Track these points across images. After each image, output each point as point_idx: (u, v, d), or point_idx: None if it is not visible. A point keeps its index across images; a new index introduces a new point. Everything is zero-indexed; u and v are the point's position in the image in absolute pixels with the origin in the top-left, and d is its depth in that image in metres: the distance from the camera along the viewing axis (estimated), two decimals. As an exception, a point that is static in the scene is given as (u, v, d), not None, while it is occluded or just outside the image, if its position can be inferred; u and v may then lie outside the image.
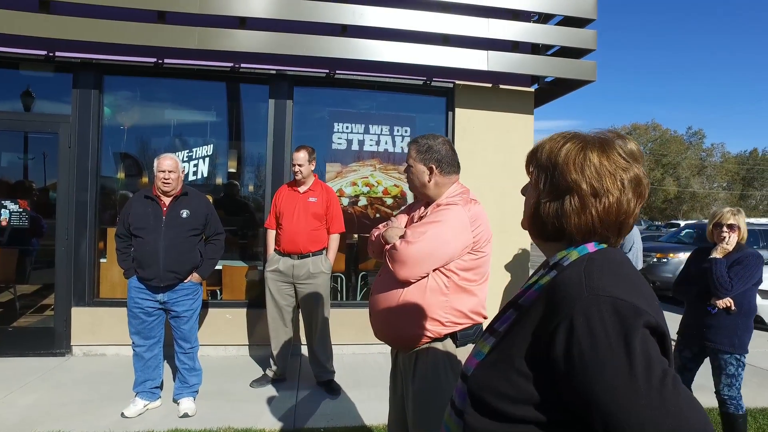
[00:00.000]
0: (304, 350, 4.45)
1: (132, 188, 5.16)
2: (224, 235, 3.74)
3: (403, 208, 2.46)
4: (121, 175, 5.19)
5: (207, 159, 4.93)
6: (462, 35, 4.83)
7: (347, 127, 5.06)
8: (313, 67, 4.85)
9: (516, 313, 1.03)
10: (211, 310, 4.70)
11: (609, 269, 0.92)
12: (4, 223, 4.82)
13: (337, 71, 4.88)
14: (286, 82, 4.90)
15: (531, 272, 1.19)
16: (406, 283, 1.97)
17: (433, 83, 5.11)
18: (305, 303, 3.97)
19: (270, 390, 4.00)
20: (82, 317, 4.73)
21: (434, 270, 1.96)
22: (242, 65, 4.79)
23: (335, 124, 5.05)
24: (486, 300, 2.10)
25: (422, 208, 2.17)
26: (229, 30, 4.58)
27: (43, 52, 4.59)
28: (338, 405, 3.77)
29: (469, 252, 1.99)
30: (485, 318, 2.09)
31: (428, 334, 1.98)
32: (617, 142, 1.02)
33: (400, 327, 2.01)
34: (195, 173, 4.86)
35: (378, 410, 3.61)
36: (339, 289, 5.11)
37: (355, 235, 5.23)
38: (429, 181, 2.08)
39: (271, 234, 4.08)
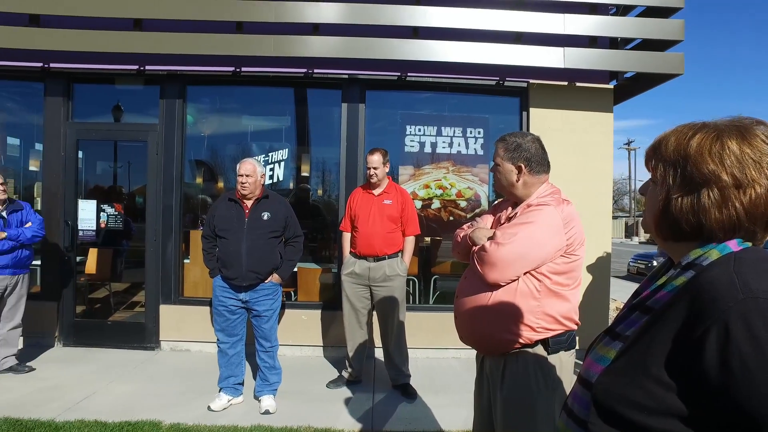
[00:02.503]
0: (379, 353, 4.47)
1: (210, 193, 5.41)
2: (303, 237, 3.82)
3: (485, 209, 2.39)
4: (200, 180, 5.45)
5: (282, 163, 5.08)
6: (536, 32, 4.69)
7: (419, 130, 5.04)
8: (385, 71, 4.88)
9: (645, 316, 0.96)
10: (287, 311, 4.82)
11: (763, 269, 0.83)
12: (102, 225, 5.22)
13: (408, 74, 4.88)
14: (358, 86, 4.96)
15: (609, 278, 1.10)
16: (494, 286, 1.91)
17: (506, 83, 4.99)
18: (381, 306, 3.98)
19: (346, 391, 4.04)
20: (169, 314, 5.01)
21: (525, 273, 1.89)
22: (315, 71, 4.89)
23: (407, 127, 5.05)
24: (578, 305, 2.00)
25: (510, 209, 2.10)
26: (302, 37, 4.71)
27: (135, 67, 4.92)
28: (415, 409, 3.74)
29: (562, 255, 1.90)
30: (578, 325, 1.99)
31: (518, 339, 1.90)
32: (758, 128, 0.93)
33: (488, 331, 1.95)
34: (271, 177, 5.02)
35: (455, 416, 3.56)
36: (412, 292, 5.10)
37: (428, 238, 5.20)
38: (517, 181, 2.01)
39: (347, 237, 4.12)
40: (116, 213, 5.26)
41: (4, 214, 4.22)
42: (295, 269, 4.67)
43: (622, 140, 53.45)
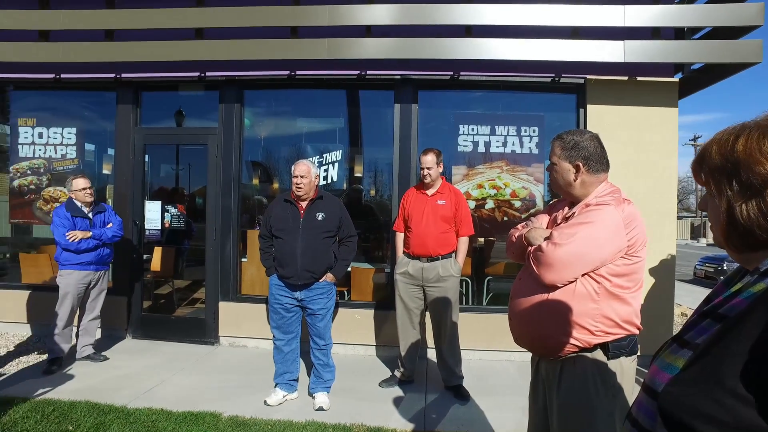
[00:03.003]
0: (432, 354, 4.45)
1: (266, 193, 5.58)
2: (357, 237, 3.87)
3: (539, 209, 2.33)
4: (256, 181, 5.63)
5: (336, 164, 5.17)
6: (594, 26, 4.53)
7: (473, 129, 4.99)
8: (438, 70, 4.86)
9: (718, 324, 0.91)
10: (341, 310, 4.90)
11: None
12: (166, 225, 5.50)
13: (461, 73, 4.84)
14: (410, 86, 4.97)
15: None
16: (551, 288, 1.86)
17: (562, 80, 4.85)
18: (434, 306, 3.96)
19: (398, 391, 4.06)
20: (227, 311, 5.21)
21: (583, 275, 1.83)
22: (368, 72, 4.94)
23: (461, 126, 5.00)
24: (640, 309, 1.92)
25: (566, 209, 2.04)
26: (356, 39, 4.77)
27: (196, 74, 5.15)
28: (468, 411, 3.71)
29: (623, 256, 1.83)
30: (640, 329, 1.91)
31: (575, 342, 1.85)
32: None
33: (544, 333, 1.91)
34: (325, 178, 5.12)
35: (509, 419, 3.50)
36: (465, 293, 5.05)
37: (481, 239, 5.13)
38: (575, 180, 1.95)
39: (400, 237, 4.14)
40: (179, 213, 5.54)
41: (90, 215, 4.53)
42: (349, 269, 4.73)
43: (687, 136, 50.76)
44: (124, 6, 5.09)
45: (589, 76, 4.80)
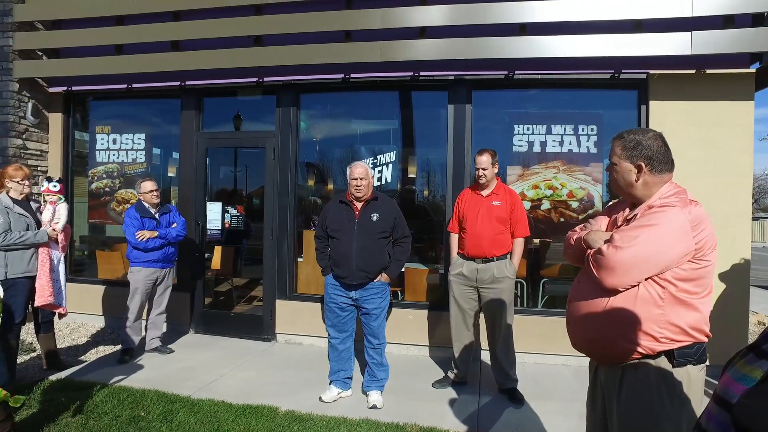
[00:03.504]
0: (485, 356, 4.41)
1: (320, 194, 5.70)
2: (411, 238, 3.90)
3: (600, 210, 2.26)
4: (311, 182, 5.76)
5: (390, 165, 5.21)
6: (658, 18, 4.33)
7: (528, 129, 4.89)
8: (492, 70, 4.80)
9: None
10: (394, 310, 4.93)
11: None
12: (226, 225, 5.75)
13: (516, 72, 4.76)
14: (464, 86, 4.94)
15: None
16: (611, 291, 1.81)
17: (622, 76, 4.65)
18: (488, 308, 3.93)
19: (451, 392, 4.04)
20: (284, 309, 5.36)
21: (646, 279, 1.77)
22: (421, 73, 4.94)
23: (515, 126, 4.92)
24: (709, 316, 1.83)
25: (627, 210, 1.97)
26: (409, 41, 4.80)
27: (255, 79, 5.34)
28: (522, 415, 3.65)
29: (689, 260, 1.75)
30: (709, 337, 1.82)
31: (638, 349, 1.78)
32: None
33: (604, 339, 1.85)
34: (379, 179, 5.17)
35: (564, 425, 3.43)
36: (520, 295, 4.96)
37: (537, 240, 5.02)
38: (636, 181, 1.88)
39: (454, 238, 4.12)
40: (238, 214, 5.78)
41: (156, 215, 4.80)
42: (403, 269, 4.75)
43: (765, 130, 47.19)
44: (189, 18, 5.37)
45: (651, 71, 4.59)
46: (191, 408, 3.60)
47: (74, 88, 5.99)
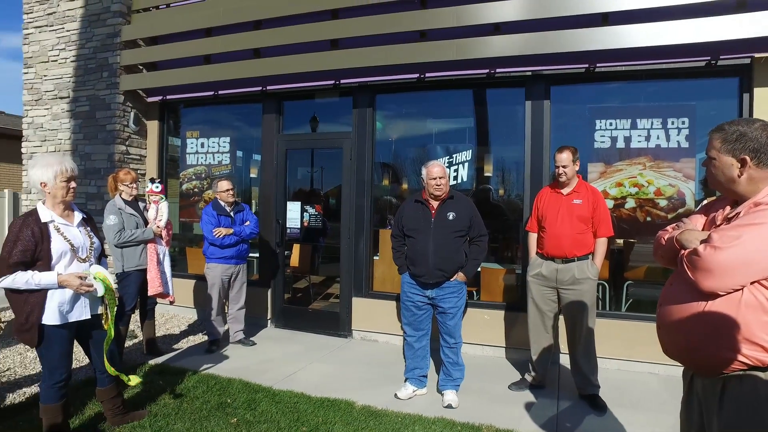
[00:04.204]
0: (565, 359, 4.27)
1: (395, 194, 5.76)
2: (487, 236, 3.84)
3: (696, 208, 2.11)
4: (386, 182, 5.83)
5: (466, 164, 5.17)
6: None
7: (611, 124, 4.66)
8: (571, 64, 4.62)
9: None
10: (470, 310, 4.88)
11: None
12: (305, 224, 5.97)
13: (597, 64, 4.55)
14: (542, 82, 4.79)
15: None
16: (710, 295, 1.68)
17: (719, 62, 4.30)
18: (568, 310, 3.79)
19: (528, 395, 3.95)
20: (360, 306, 5.48)
21: (752, 283, 1.63)
22: (497, 70, 4.86)
23: (597, 121, 4.70)
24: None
25: (728, 208, 1.83)
26: (484, 38, 4.74)
27: (332, 82, 5.50)
28: (604, 424, 3.48)
29: None
30: None
31: (742, 359, 1.64)
32: None
33: (702, 347, 1.72)
34: (455, 178, 5.14)
35: (654, 437, 3.24)
36: (601, 297, 4.73)
37: (620, 240, 4.78)
38: (739, 176, 1.73)
39: (533, 237, 4.02)
40: (316, 213, 5.98)
41: (231, 213, 5.08)
42: (479, 269, 4.69)
43: None
44: (269, 26, 5.63)
45: (757, 55, 4.18)
46: (273, 398, 3.78)
47: (168, 97, 6.48)
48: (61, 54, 6.79)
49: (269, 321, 5.95)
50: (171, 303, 4.74)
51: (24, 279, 2.69)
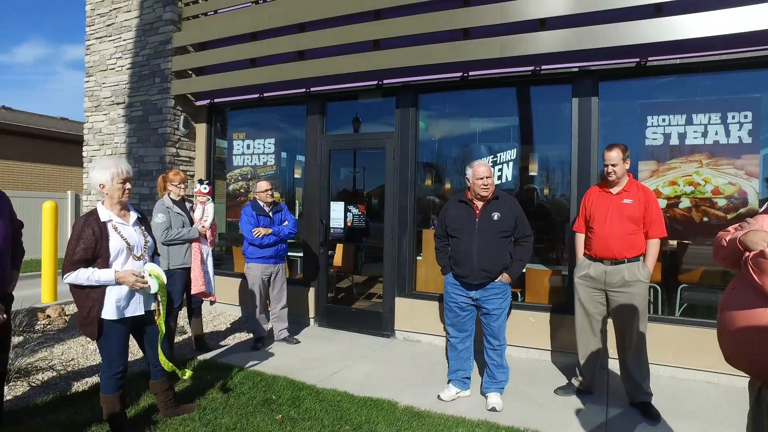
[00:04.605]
0: (614, 364, 4.12)
1: (438, 194, 5.72)
2: (533, 237, 3.76)
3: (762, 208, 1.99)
4: (429, 182, 5.80)
5: (510, 163, 5.08)
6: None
7: (663, 120, 4.46)
8: (621, 58, 4.46)
9: None
10: (514, 312, 4.79)
11: None
12: (348, 224, 6.02)
13: (649, 58, 4.37)
14: (590, 78, 4.65)
15: None
16: (779, 300, 1.59)
17: (785, 52, 4.04)
18: (618, 313, 3.65)
19: (575, 401, 3.84)
20: (402, 306, 5.48)
21: None
22: (542, 67, 4.75)
23: (648, 118, 4.51)
24: None
25: (799, 208, 1.72)
26: (529, 34, 4.64)
27: (374, 82, 5.52)
28: (658, 432, 3.35)
29: None
30: None
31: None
32: None
33: (772, 356, 1.63)
34: (499, 177, 5.06)
35: (714, 449, 3.08)
36: (653, 300, 4.54)
37: (674, 242, 4.57)
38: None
39: (580, 238, 3.90)
40: (360, 213, 6.02)
41: (270, 213, 5.18)
42: (523, 270, 4.59)
43: None
44: (312, 28, 5.72)
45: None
46: (316, 396, 3.83)
47: (216, 100, 6.69)
48: (118, 62, 7.14)
49: (312, 320, 6.03)
50: (212, 303, 4.85)
51: (86, 275, 2.83)
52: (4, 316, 2.74)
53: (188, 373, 3.31)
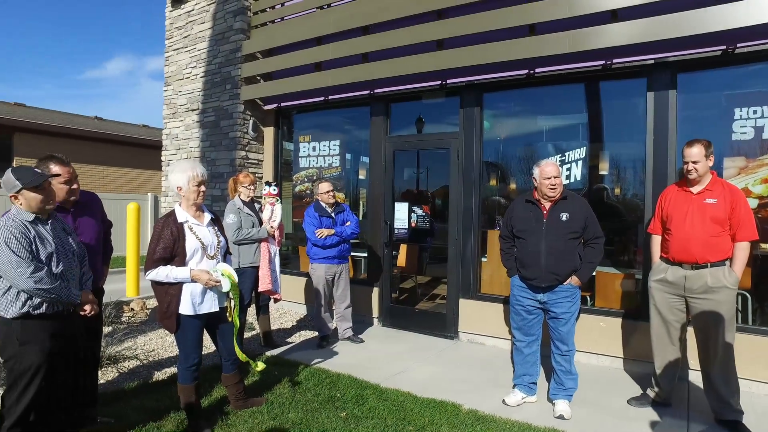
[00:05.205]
0: (695, 376, 3.85)
1: (503, 194, 5.59)
2: (603, 238, 3.59)
3: None
4: (494, 182, 5.69)
5: (579, 162, 4.88)
6: None
7: (754, 112, 4.09)
8: (704, 47, 4.14)
9: None
10: (583, 316, 4.58)
11: None
12: (413, 225, 6.03)
13: (737, 45, 4.04)
14: (668, 70, 4.36)
15: None
16: None
17: None
18: (700, 321, 3.39)
19: (651, 413, 3.61)
20: (467, 308, 5.41)
21: None
22: (614, 61, 4.52)
23: (736, 110, 4.16)
24: None
25: None
26: (600, 27, 4.44)
27: (438, 82, 5.49)
28: (748, 452, 3.09)
29: None
30: None
31: None
32: None
33: None
34: (567, 177, 4.87)
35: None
36: (741, 309, 4.18)
37: (766, 245, 4.19)
38: None
39: (656, 240, 3.67)
40: (424, 214, 6.01)
41: (332, 214, 5.26)
42: (593, 273, 4.38)
43: None
44: (376, 31, 5.78)
45: None
46: (380, 395, 3.85)
47: (283, 104, 6.92)
48: (193, 71, 7.56)
49: (376, 319, 6.09)
50: (276, 301, 5.02)
51: (165, 273, 3.02)
52: (97, 308, 2.97)
53: (261, 365, 3.48)
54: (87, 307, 2.80)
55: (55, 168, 2.96)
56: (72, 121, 17.25)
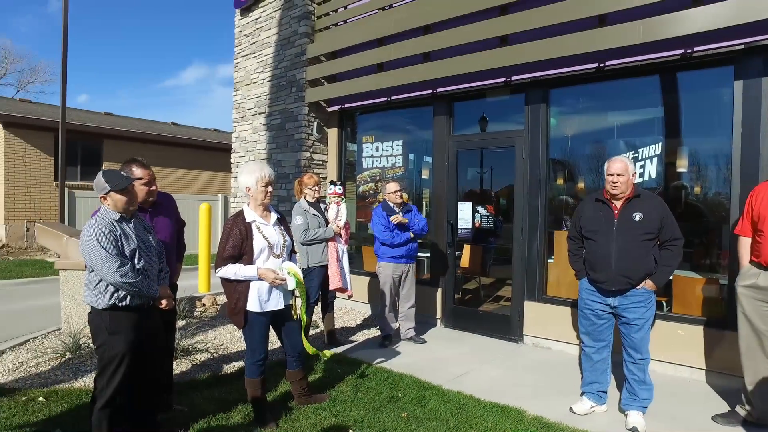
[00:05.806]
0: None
1: (571, 193, 5.36)
2: (682, 240, 3.34)
3: None
4: (561, 181, 5.47)
5: (655, 159, 4.58)
6: None
7: None
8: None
9: None
10: (659, 323, 4.31)
11: None
12: (476, 225, 5.93)
13: None
14: (759, 55, 3.97)
15: None
16: None
17: None
18: (798, 332, 3.10)
19: None
20: (532, 311, 5.25)
21: None
22: (695, 49, 4.21)
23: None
24: None
25: None
26: (678, 13, 4.14)
27: (502, 79, 5.36)
28: None
29: None
30: None
31: None
32: None
33: None
34: (642, 175, 4.59)
35: None
36: None
37: None
38: None
39: (745, 242, 3.38)
40: (488, 214, 5.90)
41: (400, 214, 5.26)
42: (670, 277, 4.10)
43: None
44: (437, 29, 5.72)
45: None
46: (442, 397, 3.81)
47: (346, 105, 7.03)
48: (260, 76, 7.84)
49: (438, 320, 6.04)
50: (349, 297, 5.10)
51: (233, 270, 3.15)
52: (173, 302, 3.15)
53: (329, 353, 3.66)
54: (164, 301, 2.97)
55: (137, 171, 3.17)
56: (152, 127, 18.52)
